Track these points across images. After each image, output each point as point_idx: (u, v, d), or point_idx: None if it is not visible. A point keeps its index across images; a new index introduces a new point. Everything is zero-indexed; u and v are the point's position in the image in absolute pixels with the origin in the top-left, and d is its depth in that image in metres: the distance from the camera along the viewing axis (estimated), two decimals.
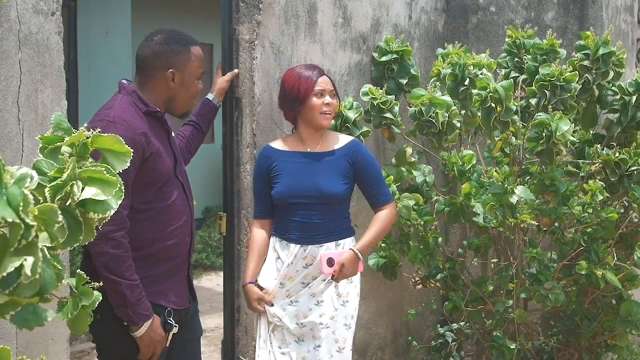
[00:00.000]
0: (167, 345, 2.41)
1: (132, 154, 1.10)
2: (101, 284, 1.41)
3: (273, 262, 2.90)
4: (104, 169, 0.99)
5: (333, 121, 3.15)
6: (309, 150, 2.91)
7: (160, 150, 2.36)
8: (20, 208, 0.82)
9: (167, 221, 2.40)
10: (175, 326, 2.42)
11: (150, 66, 2.40)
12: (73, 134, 1.02)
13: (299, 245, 2.84)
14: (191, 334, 2.60)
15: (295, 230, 2.86)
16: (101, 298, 2.27)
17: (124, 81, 2.44)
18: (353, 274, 2.85)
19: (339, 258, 2.79)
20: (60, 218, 0.89)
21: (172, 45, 2.40)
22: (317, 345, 2.81)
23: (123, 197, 1.02)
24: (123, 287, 2.25)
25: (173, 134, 2.58)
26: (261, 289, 2.87)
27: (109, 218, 1.94)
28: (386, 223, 2.93)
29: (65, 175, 0.95)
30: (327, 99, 2.85)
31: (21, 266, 0.82)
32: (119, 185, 1.00)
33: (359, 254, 2.83)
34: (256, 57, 3.13)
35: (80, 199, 0.98)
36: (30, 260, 0.81)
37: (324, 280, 2.82)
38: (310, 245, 2.83)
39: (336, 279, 2.80)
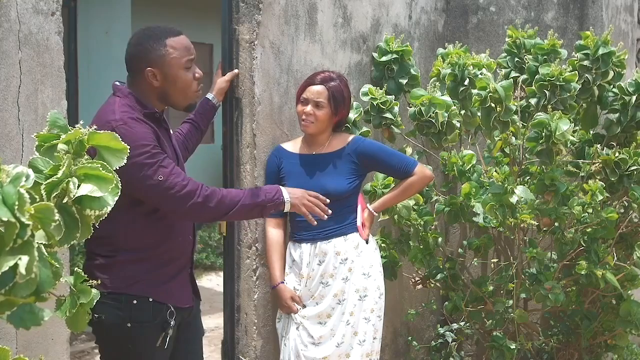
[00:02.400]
0: (165, 346, 2.41)
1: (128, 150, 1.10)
2: (99, 282, 1.41)
3: (290, 267, 3.07)
4: (99, 165, 0.98)
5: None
6: (314, 153, 3.06)
7: (165, 149, 2.36)
8: (16, 207, 0.81)
9: (174, 221, 2.41)
10: (171, 325, 2.41)
11: (132, 69, 2.39)
12: (69, 132, 1.01)
13: (309, 244, 3.01)
14: (194, 334, 2.60)
15: (303, 230, 3.01)
16: (104, 299, 2.29)
17: (118, 83, 2.42)
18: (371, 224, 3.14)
19: (362, 221, 3.06)
20: (57, 216, 0.88)
21: (145, 44, 2.36)
22: (340, 342, 2.95)
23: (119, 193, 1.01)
24: (246, 204, 2.36)
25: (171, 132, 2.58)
26: None
27: (178, 186, 2.10)
28: (407, 186, 3.10)
29: (61, 173, 0.95)
30: (308, 107, 2.97)
31: (16, 265, 0.81)
32: (115, 182, 0.99)
33: (373, 211, 3.13)
34: (256, 57, 3.12)
35: (76, 195, 0.97)
36: (25, 259, 0.81)
37: (342, 279, 2.97)
38: (318, 242, 2.99)
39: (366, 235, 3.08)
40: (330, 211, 2.65)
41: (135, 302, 2.31)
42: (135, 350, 2.35)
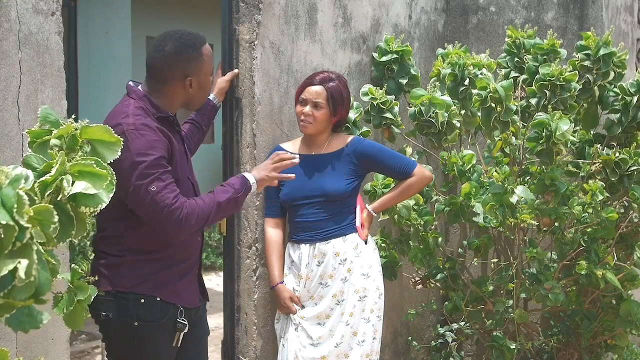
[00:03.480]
0: (179, 345, 2.41)
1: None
2: (97, 278, 1.40)
3: (289, 267, 3.06)
4: (93, 162, 0.97)
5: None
6: (313, 153, 3.04)
7: (180, 151, 2.37)
8: (15, 209, 0.80)
9: None
10: (185, 324, 2.41)
11: (165, 76, 2.34)
12: (61, 127, 1.00)
13: (308, 245, 3.00)
14: (200, 333, 2.61)
15: (302, 231, 3.02)
16: (112, 298, 2.28)
17: (132, 83, 2.38)
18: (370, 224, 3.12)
19: (361, 221, 3.05)
20: (56, 219, 0.87)
21: (185, 53, 2.33)
22: (339, 342, 2.95)
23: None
24: (221, 201, 2.34)
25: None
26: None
27: (166, 202, 2.09)
28: (406, 187, 3.10)
29: (54, 170, 0.93)
30: (307, 108, 2.96)
31: (15, 268, 0.80)
32: (109, 178, 0.98)
33: (372, 212, 3.11)
34: (256, 57, 3.12)
35: (70, 193, 0.95)
36: (24, 262, 0.80)
37: (342, 279, 2.96)
38: (317, 243, 2.98)
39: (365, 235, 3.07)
40: (297, 157, 2.59)
41: (142, 301, 2.31)
42: (142, 349, 2.35)
